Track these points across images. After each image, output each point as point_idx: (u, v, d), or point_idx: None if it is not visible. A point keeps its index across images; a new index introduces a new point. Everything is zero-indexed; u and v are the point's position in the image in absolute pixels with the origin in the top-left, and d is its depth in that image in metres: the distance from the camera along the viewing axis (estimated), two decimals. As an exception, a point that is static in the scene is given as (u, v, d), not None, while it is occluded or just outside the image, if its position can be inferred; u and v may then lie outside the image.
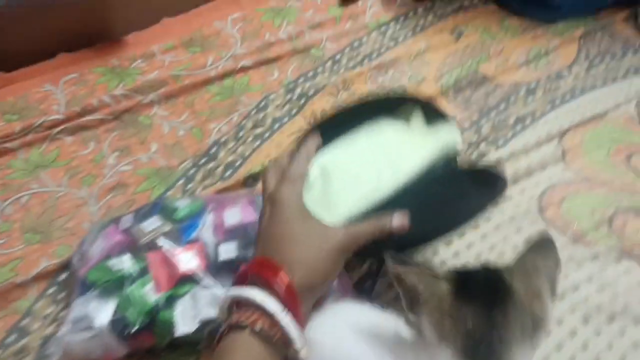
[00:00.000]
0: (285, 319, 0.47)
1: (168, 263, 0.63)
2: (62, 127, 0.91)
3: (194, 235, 0.66)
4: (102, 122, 0.93)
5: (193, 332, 0.62)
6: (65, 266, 0.74)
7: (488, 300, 0.41)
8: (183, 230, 0.67)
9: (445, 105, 0.93)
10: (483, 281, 0.43)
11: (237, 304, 0.50)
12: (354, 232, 0.53)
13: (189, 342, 0.65)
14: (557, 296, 0.43)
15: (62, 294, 0.73)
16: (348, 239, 0.53)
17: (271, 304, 0.47)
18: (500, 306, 0.41)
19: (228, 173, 0.85)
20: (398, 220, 0.54)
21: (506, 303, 0.41)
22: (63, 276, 0.74)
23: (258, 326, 0.46)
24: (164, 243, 0.64)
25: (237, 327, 0.47)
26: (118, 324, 0.61)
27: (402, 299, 0.44)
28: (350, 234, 0.53)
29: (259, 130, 0.90)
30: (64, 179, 0.86)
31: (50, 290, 0.73)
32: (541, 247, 0.45)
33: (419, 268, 0.44)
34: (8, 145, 0.89)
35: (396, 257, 0.45)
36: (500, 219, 0.76)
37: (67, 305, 0.70)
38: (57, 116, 0.92)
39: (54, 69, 1.01)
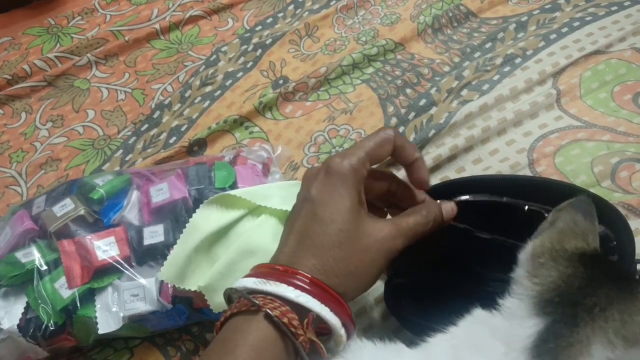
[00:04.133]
0: (312, 303, 0.37)
1: (83, 252, 0.54)
2: (-10, 97, 0.81)
3: (116, 217, 0.57)
4: (34, 89, 0.82)
5: (120, 328, 0.53)
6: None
7: (605, 275, 0.35)
8: (104, 212, 0.57)
9: (422, 47, 0.81)
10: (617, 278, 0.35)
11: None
12: (403, 225, 0.43)
13: (122, 338, 0.57)
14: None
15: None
16: (396, 234, 0.43)
17: (290, 293, 0.37)
18: (613, 289, 0.34)
19: (172, 140, 0.74)
20: (448, 208, 0.47)
21: (622, 291, 0.34)
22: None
23: (273, 311, 0.36)
24: (77, 229, 0.55)
25: (246, 312, 0.38)
26: (29, 325, 0.53)
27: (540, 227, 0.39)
28: (400, 227, 0.43)
29: (208, 89, 0.79)
30: (-8, 156, 0.76)
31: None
32: None
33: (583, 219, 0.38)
34: None
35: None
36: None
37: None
38: (-15, 86, 0.82)
39: (-16, 33, 0.91)
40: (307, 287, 0.38)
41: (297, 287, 0.37)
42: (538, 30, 0.81)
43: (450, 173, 0.67)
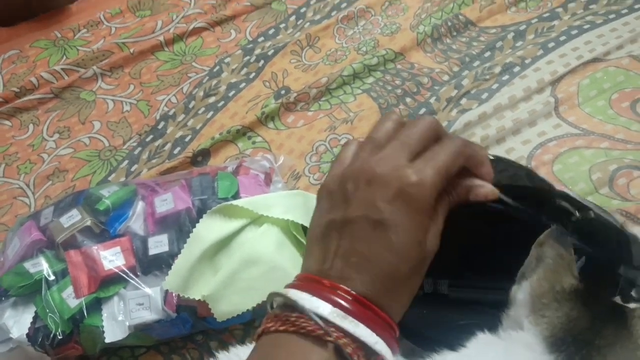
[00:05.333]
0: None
1: (90, 262, 0.55)
2: (-1, 110, 0.83)
3: (122, 227, 0.58)
4: (41, 101, 0.84)
5: (126, 337, 0.54)
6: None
7: (605, 313, 0.37)
8: (110, 222, 0.58)
9: (421, 56, 0.82)
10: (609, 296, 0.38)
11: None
12: (437, 165, 0.35)
13: (128, 347, 0.58)
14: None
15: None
16: (433, 179, 0.34)
17: (369, 338, 0.33)
18: (614, 327, 0.36)
19: (177, 150, 0.75)
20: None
21: (621, 328, 0.37)
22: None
23: (346, 348, 0.32)
24: (84, 239, 0.56)
25: (306, 335, 0.32)
26: (38, 334, 0.54)
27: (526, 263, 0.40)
28: (435, 168, 0.35)
29: (211, 100, 0.81)
30: (1, 167, 0.78)
31: (-19, 295, 0.66)
32: None
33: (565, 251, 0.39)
34: (-60, 133, 0.81)
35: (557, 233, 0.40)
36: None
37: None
38: (-6, 98, 0.84)
39: (-8, 46, 0.92)
40: (383, 331, 0.33)
41: (376, 331, 0.33)
42: (536, 39, 0.82)
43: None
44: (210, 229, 0.55)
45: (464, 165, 0.36)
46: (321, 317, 0.32)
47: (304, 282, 0.35)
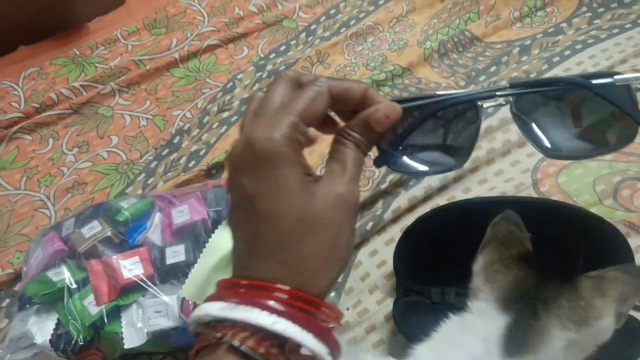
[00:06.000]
0: (284, 325, 0.29)
1: (110, 271, 0.57)
2: (20, 125, 0.86)
3: (140, 237, 0.60)
4: (61, 117, 0.87)
5: (144, 344, 0.56)
6: (20, 276, 0.69)
7: (550, 273, 0.41)
8: (129, 233, 0.61)
9: (429, 71, 0.84)
10: (556, 258, 0.43)
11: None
12: (350, 167, 0.33)
13: (145, 353, 0.60)
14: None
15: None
16: (350, 181, 0.33)
17: (264, 319, 0.29)
18: (558, 283, 0.41)
19: (192, 163, 0.78)
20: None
21: (565, 284, 0.41)
22: (17, 287, 0.69)
23: (246, 342, 0.29)
24: (104, 249, 0.58)
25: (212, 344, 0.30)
26: (60, 340, 0.56)
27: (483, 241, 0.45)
28: (349, 171, 0.33)
29: (225, 115, 0.83)
30: (22, 181, 0.81)
31: (4, 303, 0.68)
32: (629, 269, 0.42)
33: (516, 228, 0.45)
34: (-36, 147, 0.84)
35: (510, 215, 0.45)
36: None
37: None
38: (16, 114, 0.87)
39: (14, 64, 0.96)
40: (284, 308, 0.29)
41: (272, 310, 0.29)
42: (541, 54, 0.84)
43: (457, 193, 0.70)
44: (224, 239, 0.57)
45: (341, 104, 0.34)
46: (212, 318, 0.30)
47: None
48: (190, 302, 0.56)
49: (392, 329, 0.59)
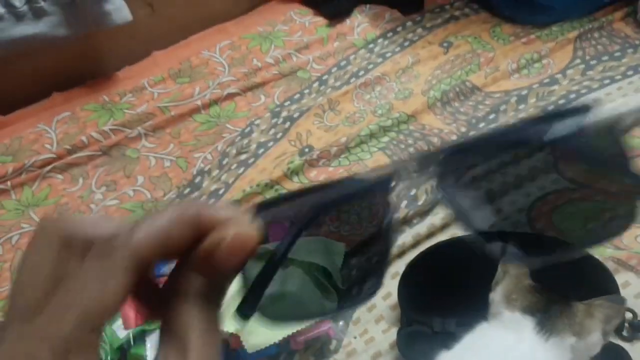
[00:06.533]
0: None
1: (137, 298, 0.62)
2: (53, 165, 0.93)
3: (165, 268, 0.65)
4: (90, 158, 0.94)
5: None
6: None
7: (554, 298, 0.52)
8: (157, 265, 0.66)
9: (432, 118, 0.91)
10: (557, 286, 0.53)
11: None
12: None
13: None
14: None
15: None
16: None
17: None
18: (559, 307, 0.51)
19: (211, 202, 0.84)
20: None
21: (565, 307, 0.51)
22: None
23: None
24: (133, 278, 0.64)
25: None
26: (89, 363, 0.61)
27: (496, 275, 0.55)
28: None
29: (243, 157, 0.90)
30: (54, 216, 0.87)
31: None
32: (614, 298, 0.55)
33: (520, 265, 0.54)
34: (1, 186, 0.90)
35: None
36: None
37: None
38: (49, 155, 0.94)
39: (48, 109, 1.04)
40: None
41: None
42: (538, 102, 0.91)
43: (458, 231, 0.75)
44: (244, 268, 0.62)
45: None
46: None
47: None
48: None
49: (396, 357, 0.63)
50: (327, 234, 0.76)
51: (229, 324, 0.60)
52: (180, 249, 0.21)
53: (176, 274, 0.22)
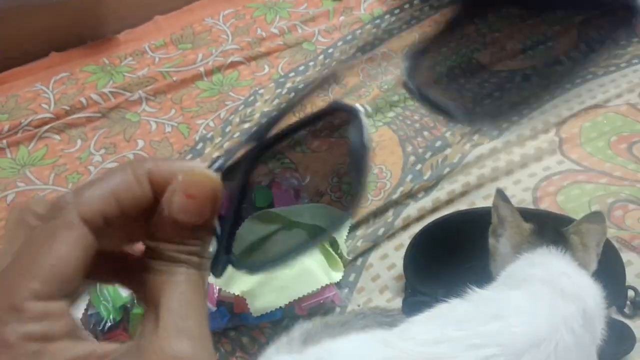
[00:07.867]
0: None
1: (141, 258, 0.61)
2: (50, 125, 0.91)
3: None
4: (89, 119, 0.92)
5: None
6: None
7: (553, 241, 0.57)
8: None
9: (438, 93, 0.90)
10: (552, 230, 0.58)
11: None
12: None
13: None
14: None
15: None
16: None
17: None
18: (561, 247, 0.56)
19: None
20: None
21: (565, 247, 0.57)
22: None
23: None
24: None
25: None
26: (90, 321, 0.60)
27: (492, 224, 0.60)
28: None
29: (246, 125, 0.89)
30: (50, 177, 0.85)
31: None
32: (594, 218, 0.58)
33: (513, 208, 0.60)
34: (-4, 144, 0.88)
35: (501, 193, 0.60)
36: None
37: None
38: (46, 115, 0.92)
39: (45, 68, 1.01)
40: None
41: None
42: (541, 84, 0.91)
43: (462, 207, 0.75)
44: (250, 231, 0.61)
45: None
46: None
47: None
48: (214, 290, 0.60)
49: (400, 325, 0.63)
50: (330, 203, 0.76)
51: (236, 286, 0.60)
52: (139, 206, 0.20)
53: (148, 240, 0.20)
